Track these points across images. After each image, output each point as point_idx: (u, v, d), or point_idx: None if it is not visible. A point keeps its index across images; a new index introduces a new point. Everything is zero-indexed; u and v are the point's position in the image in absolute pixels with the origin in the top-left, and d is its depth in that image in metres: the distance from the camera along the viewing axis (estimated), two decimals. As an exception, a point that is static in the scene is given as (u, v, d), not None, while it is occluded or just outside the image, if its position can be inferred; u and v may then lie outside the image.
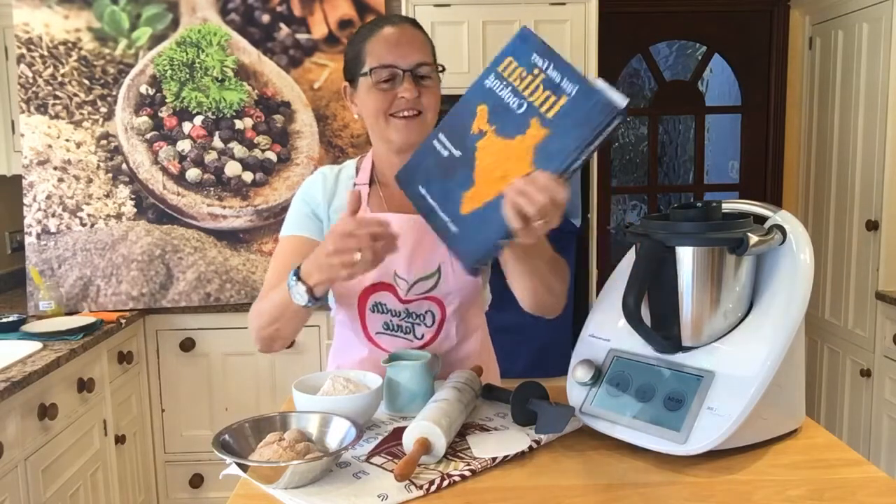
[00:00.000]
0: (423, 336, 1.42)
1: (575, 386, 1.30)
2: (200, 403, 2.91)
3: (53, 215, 2.80)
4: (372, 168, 1.43)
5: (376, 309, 1.39)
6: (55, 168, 2.81)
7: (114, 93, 2.84)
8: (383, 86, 1.30)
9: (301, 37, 2.91)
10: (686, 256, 1.19)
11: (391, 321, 1.41)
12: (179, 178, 2.86)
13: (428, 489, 1.07)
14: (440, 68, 1.35)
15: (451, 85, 2.26)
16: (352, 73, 1.37)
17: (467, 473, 1.12)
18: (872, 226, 2.85)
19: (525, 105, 1.03)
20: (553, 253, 1.29)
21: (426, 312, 1.38)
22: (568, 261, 2.67)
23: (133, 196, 2.85)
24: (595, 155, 2.83)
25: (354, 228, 1.12)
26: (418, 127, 1.32)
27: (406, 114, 1.31)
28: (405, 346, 1.42)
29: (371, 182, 1.42)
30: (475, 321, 1.50)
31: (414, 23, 1.37)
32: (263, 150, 2.89)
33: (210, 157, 2.86)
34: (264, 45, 2.89)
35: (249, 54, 2.88)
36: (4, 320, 2.50)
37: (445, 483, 1.09)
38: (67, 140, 2.82)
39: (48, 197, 2.80)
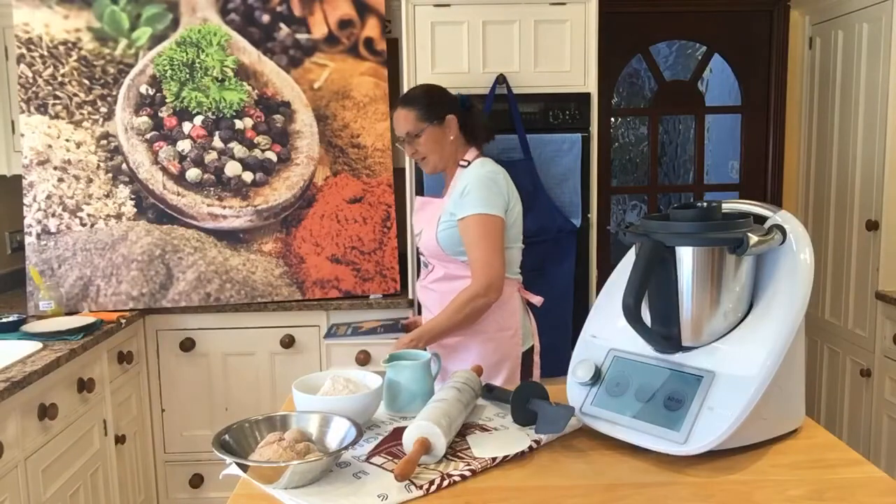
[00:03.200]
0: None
1: (575, 386, 1.30)
2: (200, 403, 2.91)
3: (53, 215, 2.80)
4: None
5: None
6: (55, 168, 2.81)
7: (114, 93, 2.84)
8: (403, 146, 2.19)
9: (301, 37, 2.91)
10: (686, 256, 1.19)
11: None
12: (179, 178, 2.86)
13: (428, 489, 1.07)
14: (432, 121, 2.09)
15: (452, 84, 2.28)
16: None
17: (467, 473, 1.12)
18: (872, 226, 2.85)
19: None
20: (443, 330, 2.02)
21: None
22: (568, 260, 2.68)
23: (133, 196, 2.85)
24: (595, 155, 2.83)
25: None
26: (426, 166, 2.17)
27: (417, 160, 2.19)
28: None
29: None
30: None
31: (403, 100, 2.17)
32: (263, 150, 2.89)
33: (210, 157, 2.86)
34: (264, 45, 2.89)
35: (249, 54, 2.88)
36: (4, 320, 2.50)
37: (445, 483, 1.09)
38: (67, 140, 2.82)
39: (48, 197, 2.80)
